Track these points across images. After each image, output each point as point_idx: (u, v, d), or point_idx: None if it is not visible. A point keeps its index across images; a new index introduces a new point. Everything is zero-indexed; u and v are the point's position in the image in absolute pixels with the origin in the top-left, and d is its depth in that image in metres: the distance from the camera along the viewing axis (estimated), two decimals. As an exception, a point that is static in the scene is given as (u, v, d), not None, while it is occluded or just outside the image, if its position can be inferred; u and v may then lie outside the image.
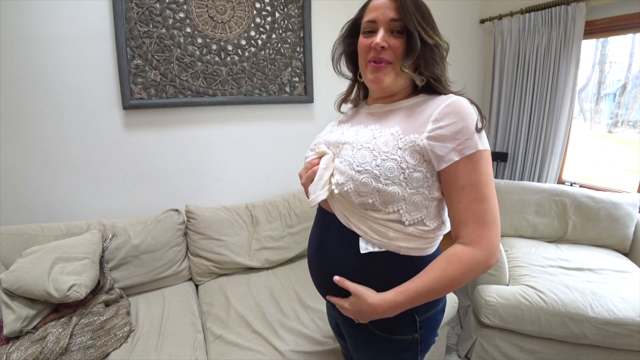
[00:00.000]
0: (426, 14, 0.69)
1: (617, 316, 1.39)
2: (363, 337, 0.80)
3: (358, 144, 0.71)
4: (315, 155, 0.79)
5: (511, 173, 2.60)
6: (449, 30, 2.48)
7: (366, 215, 0.70)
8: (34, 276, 1.13)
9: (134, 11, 1.49)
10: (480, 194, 0.64)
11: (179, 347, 1.21)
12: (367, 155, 0.68)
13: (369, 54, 0.71)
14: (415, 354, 0.79)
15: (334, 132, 0.82)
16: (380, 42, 0.68)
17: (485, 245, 0.64)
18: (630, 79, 2.52)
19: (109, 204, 1.64)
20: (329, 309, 0.98)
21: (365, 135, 0.72)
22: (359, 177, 0.67)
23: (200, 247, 1.62)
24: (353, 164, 0.68)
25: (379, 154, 0.67)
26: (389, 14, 0.69)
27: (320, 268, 0.80)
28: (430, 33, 0.68)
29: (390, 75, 0.71)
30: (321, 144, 0.81)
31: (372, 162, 0.67)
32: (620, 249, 1.88)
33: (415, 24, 0.66)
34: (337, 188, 0.71)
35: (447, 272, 0.65)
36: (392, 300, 0.68)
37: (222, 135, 1.83)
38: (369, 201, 0.68)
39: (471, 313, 1.68)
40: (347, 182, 0.69)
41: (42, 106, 1.43)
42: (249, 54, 1.77)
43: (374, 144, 0.69)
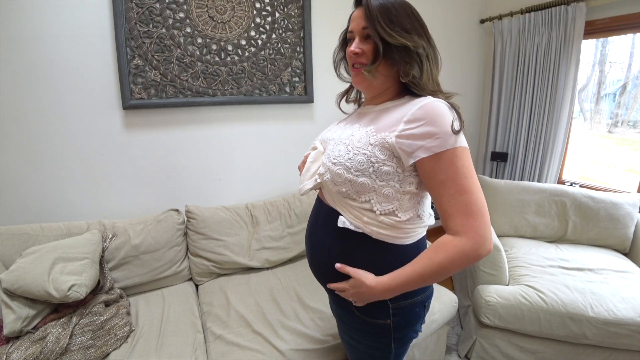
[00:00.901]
0: (396, 20, 0.73)
1: (617, 316, 1.39)
2: (345, 317, 0.89)
3: (338, 140, 0.80)
4: (311, 150, 0.91)
5: (511, 173, 2.60)
6: (449, 30, 2.50)
7: (344, 202, 0.79)
8: (34, 276, 1.13)
9: (134, 11, 1.49)
10: (460, 186, 0.68)
11: (179, 347, 1.21)
12: (342, 149, 0.77)
13: (350, 60, 0.81)
14: (389, 341, 0.85)
15: (332, 130, 0.90)
16: (352, 49, 0.77)
17: (471, 234, 0.67)
18: (630, 79, 2.52)
19: (109, 204, 1.64)
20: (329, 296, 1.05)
21: (346, 132, 0.81)
22: (334, 169, 0.77)
23: (200, 247, 1.62)
24: (331, 157, 0.79)
25: (352, 148, 0.76)
26: (361, 22, 0.76)
27: (312, 251, 0.90)
28: (395, 35, 0.72)
29: (366, 77, 0.78)
30: (318, 140, 0.92)
31: (345, 155, 0.76)
32: (620, 249, 1.88)
33: (378, 28, 0.72)
34: (320, 178, 0.82)
35: (434, 259, 0.70)
36: (386, 284, 0.75)
37: (222, 135, 1.83)
38: (342, 190, 0.78)
39: (471, 313, 1.68)
40: (326, 173, 0.80)
41: (42, 106, 1.43)
42: (249, 54, 1.77)
43: (350, 140, 0.77)
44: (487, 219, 0.69)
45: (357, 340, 0.89)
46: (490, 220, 0.70)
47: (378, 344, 0.87)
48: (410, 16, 0.75)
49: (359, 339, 0.89)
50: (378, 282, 0.75)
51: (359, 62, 0.78)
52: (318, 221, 0.88)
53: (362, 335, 0.88)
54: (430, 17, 2.38)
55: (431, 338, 1.50)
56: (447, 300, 1.50)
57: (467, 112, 2.82)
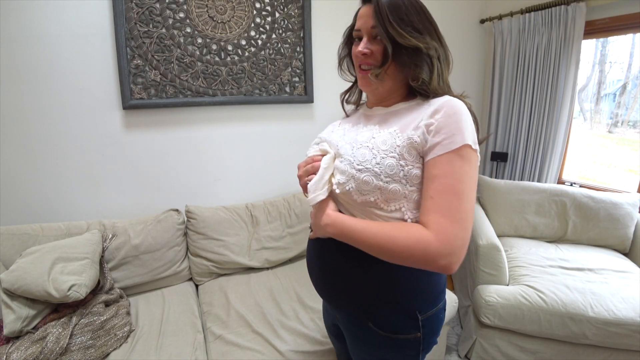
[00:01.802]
0: (406, 18, 0.68)
1: (617, 316, 1.39)
2: (364, 336, 0.79)
3: (357, 144, 0.73)
4: (318, 152, 0.81)
5: (511, 173, 2.60)
6: (449, 31, 2.48)
7: (370, 212, 0.72)
8: (34, 276, 1.13)
9: (134, 11, 1.49)
10: (450, 187, 0.61)
11: (179, 347, 1.21)
12: (366, 153, 0.69)
13: (357, 60, 0.77)
14: (417, 353, 0.78)
15: (335, 132, 0.85)
16: (361, 49, 0.73)
17: (442, 236, 0.60)
18: (630, 79, 2.52)
19: (109, 204, 1.64)
20: (325, 309, 0.99)
21: (364, 135, 0.74)
22: (360, 176, 0.68)
23: (200, 247, 1.62)
24: (353, 162, 0.70)
25: (378, 152, 0.69)
26: (369, 21, 0.71)
27: (326, 278, 0.81)
28: (406, 36, 0.67)
29: (375, 79, 0.74)
30: (324, 142, 0.83)
31: (371, 160, 0.68)
32: (620, 249, 1.88)
33: (389, 29, 0.68)
34: (339, 188, 0.73)
35: (395, 231, 0.64)
36: (339, 218, 0.72)
37: (222, 135, 1.83)
38: (370, 199, 0.69)
39: (471, 313, 1.68)
40: (349, 182, 0.70)
41: (42, 106, 1.43)
42: (249, 54, 1.77)
43: (373, 143, 0.70)
44: (467, 236, 0.61)
45: (379, 357, 0.81)
46: (467, 243, 0.61)
47: (404, 358, 0.79)
48: (420, 14, 0.70)
49: (382, 356, 0.80)
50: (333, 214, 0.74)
51: (366, 63, 0.74)
52: (330, 240, 0.76)
53: (386, 352, 0.79)
54: (430, 17, 2.39)
55: (431, 338, 1.50)
56: (447, 300, 1.49)
57: (467, 112, 2.82)
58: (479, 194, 2.17)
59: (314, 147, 0.86)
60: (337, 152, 0.77)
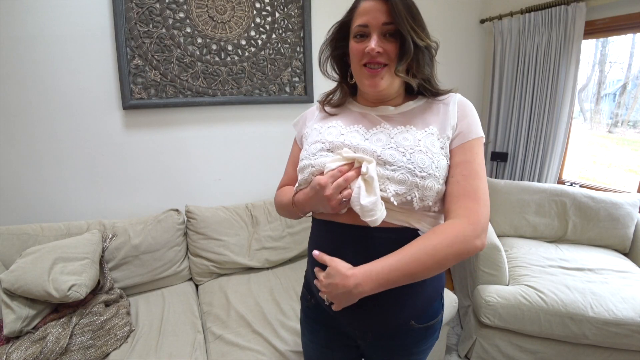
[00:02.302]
0: (417, 16, 0.68)
1: (617, 316, 1.39)
2: (404, 341, 0.77)
3: (405, 148, 0.67)
4: (343, 162, 0.68)
5: (511, 173, 2.60)
6: (449, 30, 2.50)
7: (422, 215, 0.70)
8: (34, 276, 1.13)
9: (134, 11, 1.49)
10: (473, 171, 0.67)
11: (179, 347, 1.21)
12: (425, 159, 0.66)
13: (363, 59, 0.70)
14: (439, 330, 0.82)
15: (349, 135, 0.74)
16: (375, 47, 0.67)
17: (473, 219, 0.63)
18: (630, 79, 2.52)
19: (109, 204, 1.64)
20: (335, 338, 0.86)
21: (407, 138, 0.69)
22: (424, 183, 0.65)
23: (200, 247, 1.62)
24: (415, 170, 0.65)
25: (432, 155, 0.67)
26: (380, 17, 0.67)
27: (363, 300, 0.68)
28: (422, 35, 0.68)
29: (386, 79, 0.71)
30: (340, 147, 0.71)
31: (431, 164, 0.66)
32: (620, 249, 1.88)
33: (408, 28, 0.66)
34: (396, 199, 0.66)
35: (431, 240, 0.63)
36: (365, 271, 0.63)
37: (222, 135, 1.83)
38: (429, 204, 0.67)
39: (471, 313, 1.68)
40: (411, 191, 0.65)
41: (42, 106, 1.43)
42: (249, 54, 1.77)
43: (425, 146, 0.67)
44: (489, 212, 0.66)
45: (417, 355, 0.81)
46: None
47: (433, 341, 0.82)
48: (419, 13, 0.70)
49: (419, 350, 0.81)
50: (355, 270, 0.63)
51: (378, 62, 0.69)
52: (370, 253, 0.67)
53: (424, 343, 0.80)
54: (430, 17, 2.39)
55: (431, 338, 1.50)
56: (447, 300, 1.49)
57: (467, 112, 2.82)
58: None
59: (325, 154, 0.72)
60: (377, 158, 0.68)
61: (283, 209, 0.87)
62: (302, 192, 0.75)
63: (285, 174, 0.93)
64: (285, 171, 0.94)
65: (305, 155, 0.76)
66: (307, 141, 0.80)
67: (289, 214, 0.86)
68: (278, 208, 0.90)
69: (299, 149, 0.88)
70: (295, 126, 0.94)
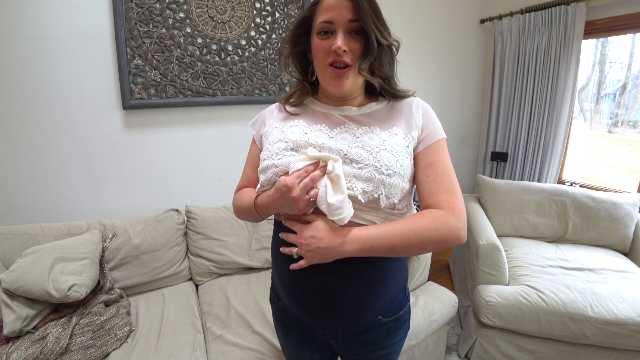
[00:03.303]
0: (380, 14, 0.68)
1: (617, 316, 1.39)
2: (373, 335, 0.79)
3: (371, 147, 0.68)
4: (308, 161, 0.66)
5: (511, 173, 2.60)
6: (449, 30, 2.50)
7: (389, 214, 0.70)
8: (34, 276, 1.13)
9: (134, 11, 1.49)
10: (446, 169, 0.71)
11: (179, 347, 1.21)
12: (390, 157, 0.67)
13: (328, 57, 0.69)
14: (408, 321, 0.85)
15: (313, 134, 0.73)
16: (342, 45, 0.66)
17: (456, 211, 0.67)
18: (630, 79, 2.52)
19: (108, 204, 1.64)
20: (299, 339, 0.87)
21: (372, 138, 0.70)
22: (390, 181, 0.66)
23: (200, 247, 1.62)
24: (381, 168, 0.66)
25: (397, 154, 0.68)
26: (346, 14, 0.66)
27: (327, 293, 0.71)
28: (385, 34, 0.68)
29: (351, 79, 0.70)
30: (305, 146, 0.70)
31: (396, 163, 0.67)
32: (620, 249, 1.88)
33: (372, 26, 0.66)
34: (364, 197, 0.65)
35: (419, 221, 0.65)
36: (354, 232, 0.65)
37: (222, 135, 1.83)
38: (394, 201, 0.68)
39: (471, 313, 1.68)
40: (378, 188, 0.66)
41: (42, 106, 1.43)
42: (249, 54, 1.77)
43: (390, 145, 0.69)
44: (464, 205, 0.70)
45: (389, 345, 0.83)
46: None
47: (404, 333, 0.85)
48: (381, 10, 0.69)
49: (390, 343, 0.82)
50: (343, 230, 0.65)
51: (343, 61, 0.68)
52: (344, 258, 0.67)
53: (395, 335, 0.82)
54: (430, 17, 2.40)
55: (431, 338, 1.50)
56: (447, 300, 1.50)
57: (467, 112, 2.82)
58: (479, 193, 2.17)
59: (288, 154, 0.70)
60: (344, 157, 0.68)
61: (243, 213, 0.83)
62: (265, 194, 0.72)
63: (243, 176, 0.88)
64: (243, 173, 0.89)
65: (267, 155, 0.72)
66: (267, 140, 0.77)
67: (249, 217, 0.83)
68: (237, 212, 0.86)
69: (257, 150, 0.85)
70: (252, 125, 0.90)
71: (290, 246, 0.71)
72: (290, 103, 0.82)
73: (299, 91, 0.82)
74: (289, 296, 0.77)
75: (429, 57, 2.44)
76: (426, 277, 1.63)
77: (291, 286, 0.75)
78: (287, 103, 0.82)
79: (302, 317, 0.78)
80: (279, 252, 0.74)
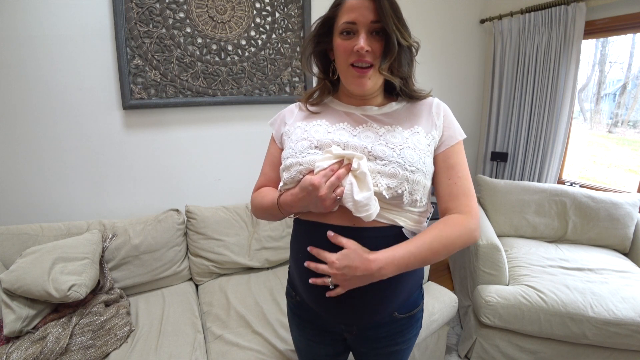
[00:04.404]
0: (400, 15, 0.69)
1: (617, 316, 1.39)
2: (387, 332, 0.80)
3: (395, 145, 0.70)
4: (334, 160, 0.67)
5: (511, 173, 2.60)
6: (449, 30, 2.50)
7: (407, 211, 0.72)
8: (34, 276, 1.13)
9: (134, 11, 1.49)
10: (465, 172, 0.75)
11: (179, 347, 1.21)
12: (413, 154, 0.69)
13: (350, 57, 0.70)
14: (421, 319, 0.86)
15: (337, 133, 0.74)
16: (365, 46, 0.67)
17: (474, 214, 0.72)
18: (630, 79, 2.52)
19: (108, 204, 1.64)
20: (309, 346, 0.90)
21: (395, 136, 0.71)
22: (413, 177, 0.68)
23: (200, 247, 1.62)
24: (405, 164, 0.67)
25: (419, 152, 0.70)
26: (369, 15, 0.67)
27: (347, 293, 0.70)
28: (406, 35, 0.70)
29: (373, 78, 0.72)
30: (329, 145, 0.71)
31: (418, 160, 0.69)
32: (620, 249, 1.88)
33: (393, 27, 0.67)
34: (389, 193, 0.67)
35: (444, 231, 0.69)
36: (384, 256, 0.65)
37: (222, 135, 1.83)
38: (416, 198, 0.70)
39: (471, 313, 1.68)
40: (401, 184, 0.67)
41: (42, 106, 1.43)
42: (249, 54, 1.77)
43: (413, 143, 0.71)
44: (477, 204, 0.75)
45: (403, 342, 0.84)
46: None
47: (417, 331, 0.86)
48: (401, 11, 0.70)
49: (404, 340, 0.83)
50: (376, 256, 0.65)
51: (366, 61, 0.69)
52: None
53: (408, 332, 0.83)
54: (430, 17, 2.40)
55: (431, 338, 1.50)
56: (447, 300, 1.50)
57: (467, 112, 2.82)
58: (479, 194, 2.17)
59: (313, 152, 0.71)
60: (368, 154, 0.69)
61: (264, 212, 0.83)
62: (289, 192, 0.72)
63: (262, 175, 0.89)
64: (262, 172, 0.90)
65: (291, 153, 0.73)
66: (290, 139, 0.78)
67: (270, 217, 0.83)
68: (256, 211, 0.86)
69: (277, 149, 0.86)
70: (272, 125, 0.91)
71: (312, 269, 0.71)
72: (311, 102, 0.84)
73: (320, 90, 0.84)
74: (309, 292, 0.78)
75: (429, 57, 2.44)
76: (426, 277, 1.63)
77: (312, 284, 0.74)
78: (308, 102, 0.84)
79: (321, 312, 0.79)
80: (299, 249, 0.77)
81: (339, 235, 0.69)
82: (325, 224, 0.71)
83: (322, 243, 0.71)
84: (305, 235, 0.77)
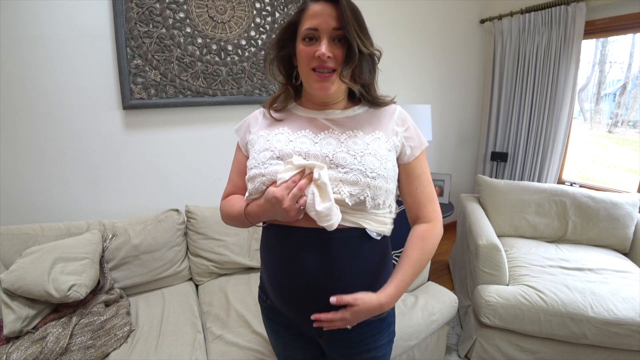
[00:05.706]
0: (363, 23, 0.70)
1: (617, 316, 1.39)
2: (359, 335, 0.81)
3: (356, 151, 0.70)
4: (295, 170, 0.67)
5: (511, 173, 2.60)
6: (449, 30, 2.50)
7: (371, 214, 0.73)
8: (34, 276, 1.13)
9: (134, 11, 1.49)
10: (429, 178, 0.80)
11: (179, 347, 1.21)
12: (374, 160, 0.70)
13: (312, 62, 0.71)
14: (394, 327, 0.88)
15: (298, 142, 0.74)
16: (326, 52, 0.68)
17: (438, 217, 0.80)
18: (630, 79, 2.52)
19: (109, 204, 1.64)
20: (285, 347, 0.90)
21: (356, 142, 0.72)
22: (375, 183, 0.69)
23: (200, 247, 1.62)
24: (366, 171, 0.69)
25: (380, 157, 0.71)
26: (331, 22, 0.68)
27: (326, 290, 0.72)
28: (367, 43, 0.71)
29: (335, 83, 0.72)
30: (290, 155, 0.71)
31: (379, 166, 0.71)
32: (620, 249, 1.88)
33: (355, 35, 0.68)
34: (351, 199, 0.68)
35: (425, 248, 0.76)
36: (392, 292, 0.72)
37: (222, 135, 1.83)
38: (379, 202, 0.72)
39: (471, 313, 1.68)
40: (364, 191, 0.69)
41: (42, 106, 1.43)
42: (249, 54, 1.77)
43: (373, 150, 0.72)
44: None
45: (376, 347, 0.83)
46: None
47: (390, 333, 0.86)
48: (364, 19, 0.71)
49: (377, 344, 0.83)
50: (386, 295, 0.71)
51: (327, 66, 0.70)
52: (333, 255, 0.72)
53: (380, 337, 0.82)
54: (429, 17, 2.40)
55: (431, 338, 1.50)
56: (447, 300, 1.50)
57: (467, 112, 2.82)
58: (479, 193, 2.17)
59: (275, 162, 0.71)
60: (330, 162, 0.70)
61: (232, 219, 0.84)
62: (255, 203, 0.73)
63: (230, 182, 0.91)
64: (229, 179, 0.92)
65: (254, 164, 0.74)
66: (253, 149, 0.79)
67: (238, 224, 0.85)
68: (225, 218, 0.88)
69: (243, 156, 0.88)
70: (237, 132, 0.92)
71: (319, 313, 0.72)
72: (274, 108, 0.84)
73: (283, 95, 0.84)
74: (276, 294, 0.80)
75: (429, 57, 2.44)
76: (426, 277, 1.63)
77: (280, 283, 0.78)
78: (272, 108, 0.84)
79: (289, 314, 0.80)
80: (267, 252, 0.81)
81: (342, 296, 0.69)
82: (294, 227, 0.72)
83: (293, 247, 0.73)
84: (275, 238, 0.78)
